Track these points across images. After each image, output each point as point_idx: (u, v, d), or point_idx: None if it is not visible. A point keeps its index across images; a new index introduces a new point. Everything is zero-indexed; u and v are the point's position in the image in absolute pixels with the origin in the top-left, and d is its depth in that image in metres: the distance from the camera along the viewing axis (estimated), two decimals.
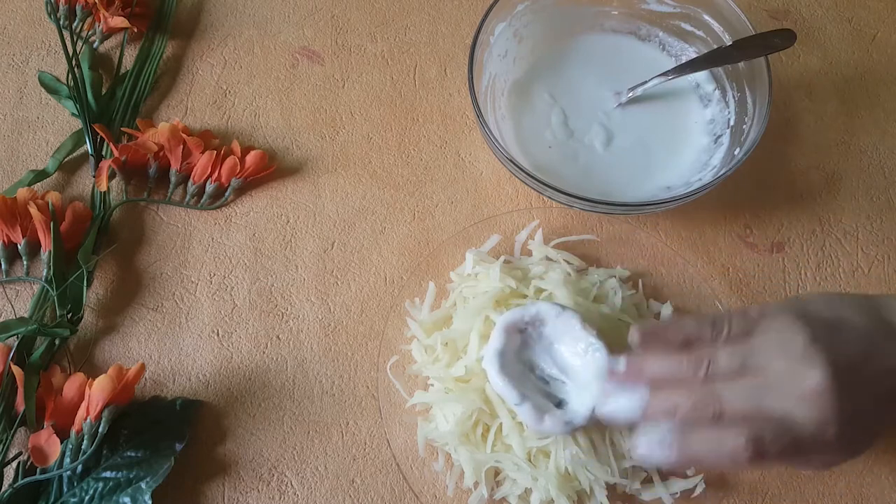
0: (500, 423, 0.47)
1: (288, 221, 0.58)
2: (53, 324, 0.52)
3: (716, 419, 0.40)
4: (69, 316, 0.53)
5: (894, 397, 0.41)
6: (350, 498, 0.49)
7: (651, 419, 0.41)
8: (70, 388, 0.48)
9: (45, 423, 0.47)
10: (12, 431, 0.48)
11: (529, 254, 0.55)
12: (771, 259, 0.56)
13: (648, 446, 0.40)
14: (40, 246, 0.55)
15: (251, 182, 0.59)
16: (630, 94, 0.59)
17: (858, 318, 0.42)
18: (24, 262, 0.55)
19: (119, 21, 0.62)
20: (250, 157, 0.58)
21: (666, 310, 0.52)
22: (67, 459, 0.46)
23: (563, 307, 0.46)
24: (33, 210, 0.54)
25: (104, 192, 0.58)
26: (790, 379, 0.39)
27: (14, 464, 0.48)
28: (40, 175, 0.59)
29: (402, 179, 0.59)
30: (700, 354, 0.42)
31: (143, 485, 0.47)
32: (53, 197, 0.56)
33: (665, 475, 0.48)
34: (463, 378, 0.48)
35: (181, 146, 0.57)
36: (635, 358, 0.43)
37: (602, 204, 0.50)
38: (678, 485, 0.47)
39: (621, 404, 0.42)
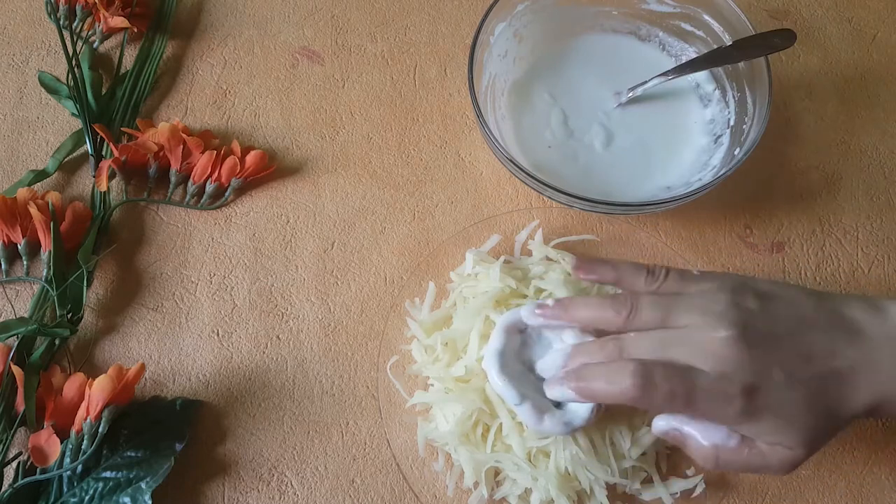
0: (500, 423, 0.47)
1: (288, 221, 0.58)
2: (53, 324, 0.52)
3: None
4: (69, 316, 0.53)
5: (825, 397, 0.40)
6: (350, 498, 0.49)
7: (564, 370, 0.44)
8: (70, 388, 0.48)
9: (45, 423, 0.47)
10: (12, 431, 0.48)
11: (529, 254, 0.55)
12: (771, 259, 0.56)
13: (554, 386, 0.43)
14: (40, 246, 0.55)
15: (251, 182, 0.59)
16: (630, 94, 0.59)
17: (803, 300, 0.42)
18: (24, 262, 0.55)
19: (119, 21, 0.62)
20: (250, 157, 0.58)
21: None
22: (67, 459, 0.46)
23: None
24: (33, 210, 0.54)
25: (104, 192, 0.58)
26: (699, 335, 0.40)
27: (14, 464, 0.48)
28: (40, 175, 0.59)
29: (402, 179, 0.59)
30: (625, 299, 0.43)
31: (143, 485, 0.47)
32: (53, 197, 0.56)
33: (665, 475, 0.48)
34: (463, 378, 0.48)
35: (181, 146, 0.57)
36: (563, 298, 0.46)
37: (602, 204, 0.50)
38: (678, 485, 0.48)
39: (548, 361, 0.45)
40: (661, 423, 0.43)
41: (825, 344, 0.40)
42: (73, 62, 0.61)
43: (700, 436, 0.41)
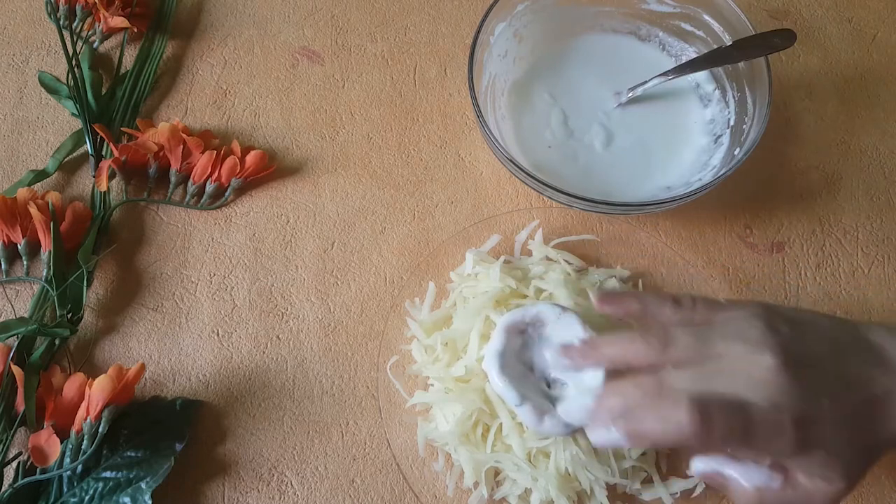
0: (500, 424, 0.47)
1: (288, 221, 0.58)
2: (53, 324, 0.52)
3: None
4: (69, 316, 0.53)
5: (863, 414, 0.39)
6: (350, 498, 0.49)
7: (603, 414, 0.40)
8: (70, 388, 0.48)
9: (45, 423, 0.47)
10: (12, 431, 0.48)
11: (529, 254, 0.55)
12: (771, 259, 0.56)
13: (599, 433, 0.40)
14: (40, 246, 0.55)
15: (251, 182, 0.59)
16: (630, 94, 0.59)
17: (829, 324, 0.41)
18: (24, 262, 0.55)
19: (119, 21, 0.62)
20: (250, 157, 0.58)
21: None
22: (67, 459, 0.46)
23: (564, 308, 0.46)
24: (33, 210, 0.54)
25: (104, 192, 0.58)
26: (742, 364, 0.38)
27: (14, 464, 0.48)
28: (40, 175, 0.59)
29: (402, 179, 0.59)
30: (656, 331, 0.40)
31: (143, 485, 0.47)
32: (53, 197, 0.56)
33: (665, 475, 0.48)
34: (463, 378, 0.48)
35: (181, 146, 0.57)
36: (593, 336, 0.43)
37: (602, 204, 0.50)
38: (678, 485, 0.47)
39: (574, 404, 0.43)
40: (702, 466, 0.40)
41: (859, 369, 0.39)
42: (73, 62, 0.61)
43: (742, 478, 0.39)
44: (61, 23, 0.63)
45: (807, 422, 0.37)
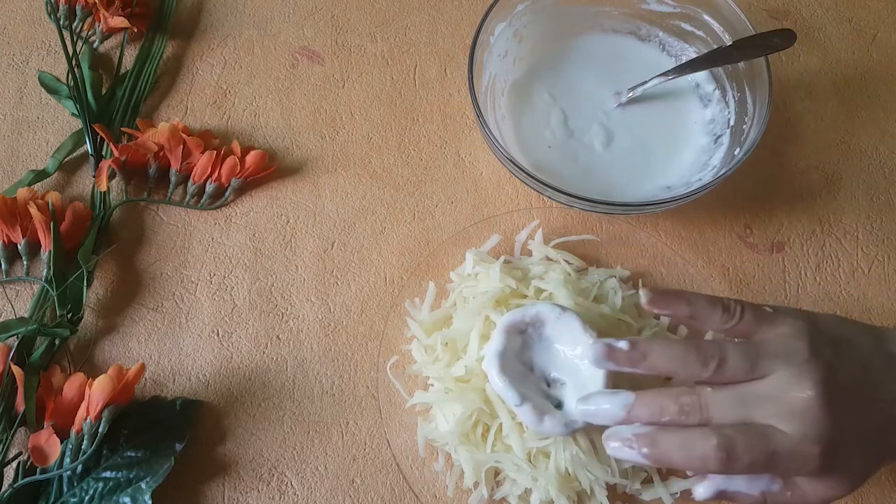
0: (500, 424, 0.47)
1: (288, 221, 0.58)
2: (53, 324, 0.52)
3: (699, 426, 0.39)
4: (69, 316, 0.53)
5: (882, 432, 0.39)
6: (350, 498, 0.49)
7: (633, 421, 0.40)
8: (70, 388, 0.48)
9: (45, 423, 0.47)
10: (12, 431, 0.48)
11: (529, 254, 0.55)
12: (771, 259, 0.56)
13: (619, 445, 0.39)
14: (40, 246, 0.55)
15: (251, 182, 0.59)
16: (630, 94, 0.59)
17: (863, 340, 0.41)
18: (24, 262, 0.55)
19: (119, 21, 0.62)
20: (250, 157, 0.58)
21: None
22: (67, 459, 0.46)
23: (564, 308, 0.46)
24: (33, 210, 0.54)
25: (104, 192, 0.58)
26: (781, 392, 0.38)
27: (14, 464, 0.48)
28: (40, 175, 0.59)
29: (402, 179, 0.59)
30: (714, 349, 0.40)
31: (143, 485, 0.47)
32: (53, 197, 0.56)
33: (665, 475, 0.48)
34: (463, 378, 0.48)
35: (181, 146, 0.57)
36: (640, 342, 0.41)
37: (602, 204, 0.50)
38: (678, 485, 0.47)
39: (604, 405, 0.41)
40: (705, 491, 0.40)
41: (886, 389, 0.40)
42: (73, 62, 0.61)
43: (746, 488, 0.40)
44: (61, 23, 0.63)
45: (831, 453, 0.38)
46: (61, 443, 0.46)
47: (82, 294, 0.53)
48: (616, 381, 0.44)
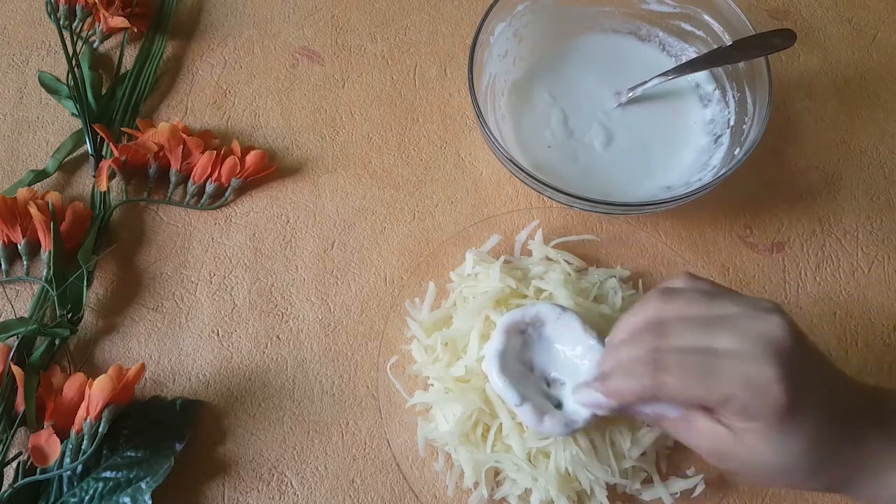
0: (500, 424, 0.47)
1: (288, 221, 0.58)
2: (53, 324, 0.52)
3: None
4: (69, 316, 0.53)
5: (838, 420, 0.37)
6: (350, 498, 0.49)
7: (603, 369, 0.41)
8: (70, 388, 0.48)
9: (45, 423, 0.47)
10: (12, 431, 0.48)
11: (529, 254, 0.55)
12: (771, 259, 0.56)
13: (583, 394, 0.42)
14: (40, 246, 0.55)
15: (251, 182, 0.59)
16: (630, 94, 0.59)
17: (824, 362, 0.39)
18: (24, 262, 0.55)
19: (119, 21, 0.62)
20: (250, 157, 0.58)
21: None
22: (67, 459, 0.46)
23: (564, 308, 0.46)
24: (33, 210, 0.54)
25: (104, 192, 0.58)
26: (748, 325, 0.37)
27: (14, 464, 0.48)
28: (40, 175, 0.59)
29: (402, 179, 0.59)
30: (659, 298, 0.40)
31: (143, 485, 0.47)
32: (53, 197, 0.56)
33: (665, 475, 0.48)
34: (463, 378, 0.48)
35: (181, 146, 0.57)
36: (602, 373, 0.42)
37: (602, 204, 0.50)
38: (678, 485, 0.48)
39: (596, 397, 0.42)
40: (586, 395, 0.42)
41: (841, 393, 0.38)
42: (73, 62, 0.61)
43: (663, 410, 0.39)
44: (61, 23, 0.63)
45: (795, 387, 0.35)
46: (61, 443, 0.46)
47: (82, 294, 0.53)
48: None
